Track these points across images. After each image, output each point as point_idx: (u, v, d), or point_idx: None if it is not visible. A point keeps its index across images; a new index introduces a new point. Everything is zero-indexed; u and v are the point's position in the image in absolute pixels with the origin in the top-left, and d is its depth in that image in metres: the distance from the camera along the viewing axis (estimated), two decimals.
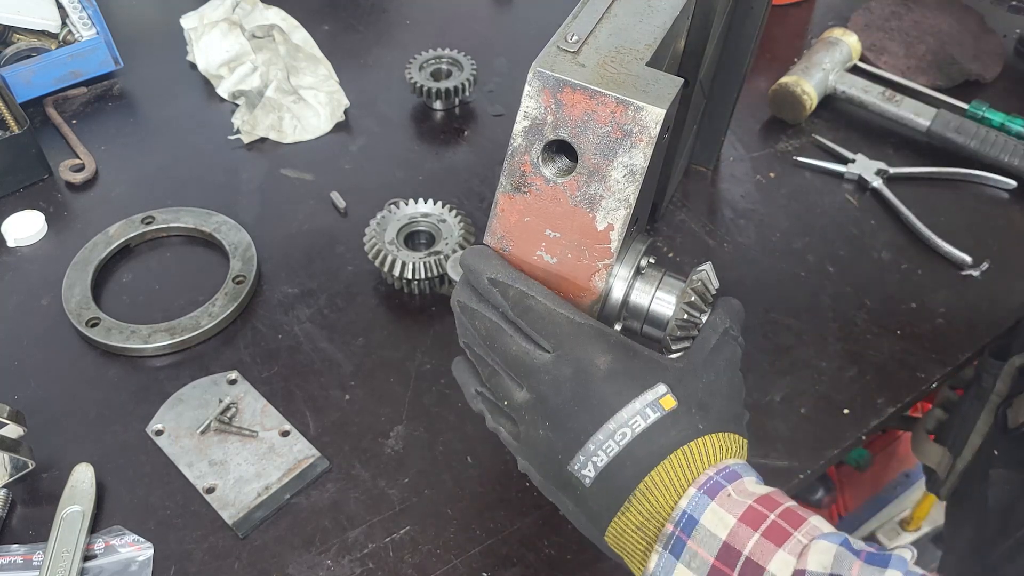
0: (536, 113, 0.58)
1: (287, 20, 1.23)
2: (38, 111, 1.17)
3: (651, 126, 0.56)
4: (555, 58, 0.58)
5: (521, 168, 0.60)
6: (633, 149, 0.57)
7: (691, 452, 0.53)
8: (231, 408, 0.85)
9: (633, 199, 0.58)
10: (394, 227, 0.97)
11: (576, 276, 0.61)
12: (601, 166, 0.58)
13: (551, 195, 0.59)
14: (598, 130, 0.57)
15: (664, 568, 0.51)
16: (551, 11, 1.37)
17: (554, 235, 0.60)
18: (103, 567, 0.75)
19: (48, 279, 0.97)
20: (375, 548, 0.76)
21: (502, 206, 0.61)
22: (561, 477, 0.56)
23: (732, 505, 0.51)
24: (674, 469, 0.52)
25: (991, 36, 1.27)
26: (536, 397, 0.56)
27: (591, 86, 0.56)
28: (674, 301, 0.62)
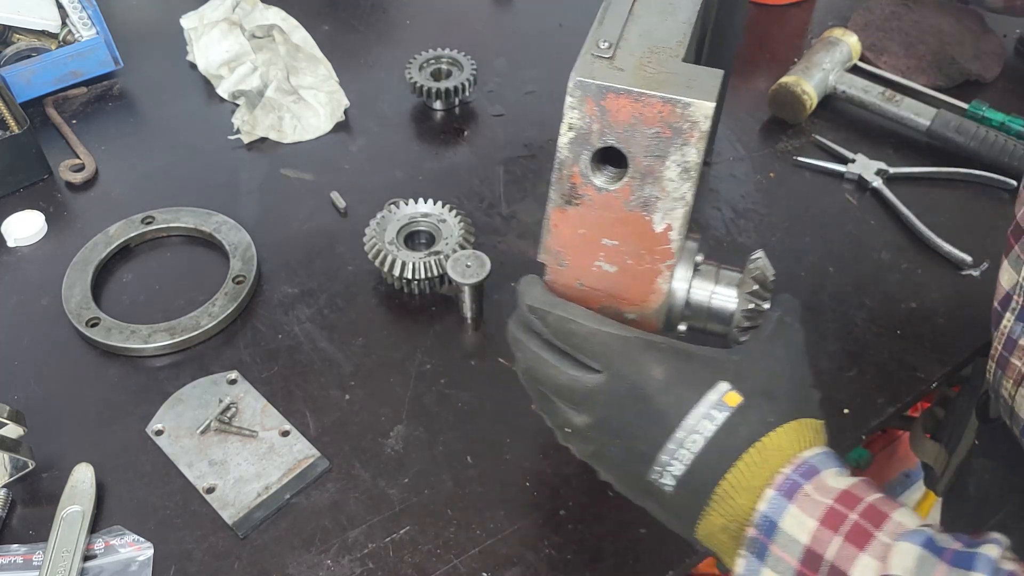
0: (581, 123, 0.57)
1: (287, 20, 1.23)
2: (38, 111, 1.17)
3: (701, 121, 0.55)
4: (592, 66, 0.57)
5: (570, 180, 0.59)
6: (685, 146, 0.56)
7: (765, 449, 0.52)
8: (231, 408, 0.85)
9: (690, 196, 0.57)
10: (394, 227, 0.97)
11: (639, 282, 0.60)
12: (654, 167, 0.57)
13: (604, 203, 0.59)
14: (647, 132, 0.56)
15: (751, 571, 0.50)
16: (551, 11, 1.37)
17: (611, 243, 0.60)
18: (103, 567, 0.75)
19: (48, 279, 0.97)
20: (375, 548, 0.77)
21: (554, 221, 0.60)
22: (641, 486, 0.55)
23: (812, 507, 0.49)
24: (749, 469, 0.51)
25: (991, 36, 1.27)
26: (596, 420, 0.56)
27: (635, 89, 0.55)
28: (735, 294, 0.62)
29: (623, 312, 0.63)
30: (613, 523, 0.78)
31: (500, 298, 0.96)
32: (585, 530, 0.77)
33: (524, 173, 1.11)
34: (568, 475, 0.81)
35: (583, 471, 0.81)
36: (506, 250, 1.01)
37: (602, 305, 0.63)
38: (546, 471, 0.82)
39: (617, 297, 0.61)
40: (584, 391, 0.56)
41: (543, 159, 1.13)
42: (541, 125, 1.17)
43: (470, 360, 0.90)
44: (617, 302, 0.62)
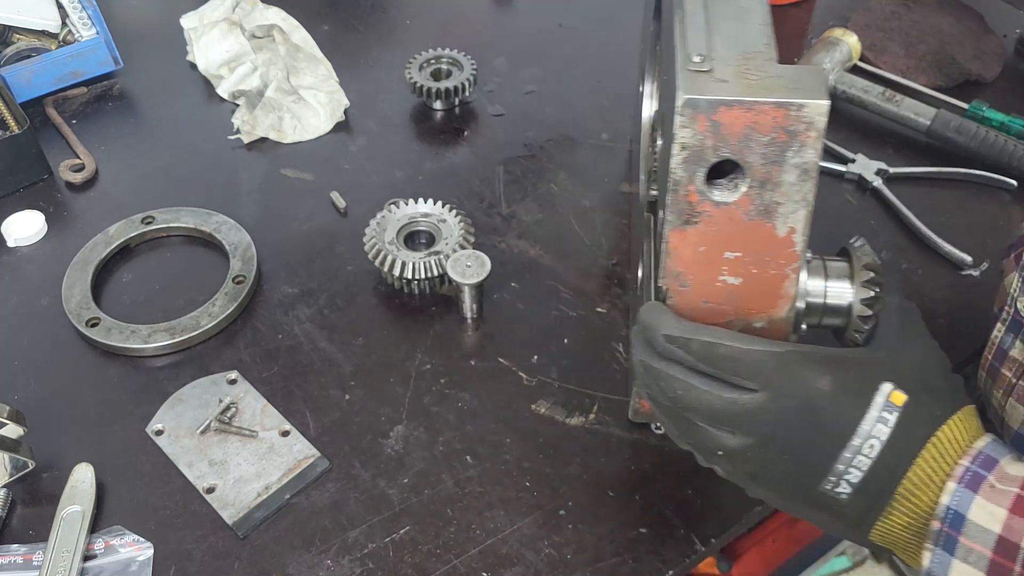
0: (693, 141, 0.56)
1: (287, 20, 1.23)
2: (38, 111, 1.17)
3: (817, 120, 0.55)
4: (696, 81, 0.56)
5: (687, 200, 0.58)
6: (803, 148, 0.55)
7: (940, 443, 0.52)
8: (231, 408, 0.85)
9: (812, 196, 0.57)
10: (394, 227, 0.97)
11: (766, 289, 0.60)
12: (772, 174, 0.56)
13: (724, 217, 0.58)
14: (762, 139, 0.55)
15: (940, 564, 0.51)
16: (551, 11, 1.37)
17: (734, 255, 0.59)
18: (103, 567, 0.75)
19: (48, 279, 0.97)
20: (375, 548, 0.77)
21: (673, 244, 0.59)
22: (811, 499, 0.55)
23: (999, 496, 0.50)
24: (928, 465, 0.52)
25: (991, 36, 1.27)
26: (759, 439, 0.55)
27: (747, 98, 0.54)
28: (849, 285, 0.62)
29: (751, 322, 0.62)
30: (613, 523, 0.78)
31: (500, 298, 0.96)
32: (585, 530, 0.78)
33: (524, 173, 1.11)
34: (568, 475, 0.81)
35: (583, 471, 0.81)
36: (506, 250, 1.01)
37: (728, 319, 0.62)
38: (546, 471, 0.82)
39: (744, 308, 0.61)
40: (742, 412, 0.54)
41: (543, 159, 1.13)
42: (541, 125, 1.17)
43: (470, 360, 0.90)
44: (744, 313, 0.62)
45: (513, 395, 0.87)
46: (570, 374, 0.89)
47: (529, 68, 1.26)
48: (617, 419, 0.85)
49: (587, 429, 0.85)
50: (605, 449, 0.83)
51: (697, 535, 0.77)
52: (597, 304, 0.95)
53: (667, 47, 0.68)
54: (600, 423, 0.85)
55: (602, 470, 0.82)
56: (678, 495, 0.80)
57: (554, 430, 0.85)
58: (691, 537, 0.77)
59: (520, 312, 0.95)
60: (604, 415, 0.86)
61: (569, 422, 0.85)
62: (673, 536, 0.77)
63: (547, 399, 0.87)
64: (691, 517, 0.78)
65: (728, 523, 0.78)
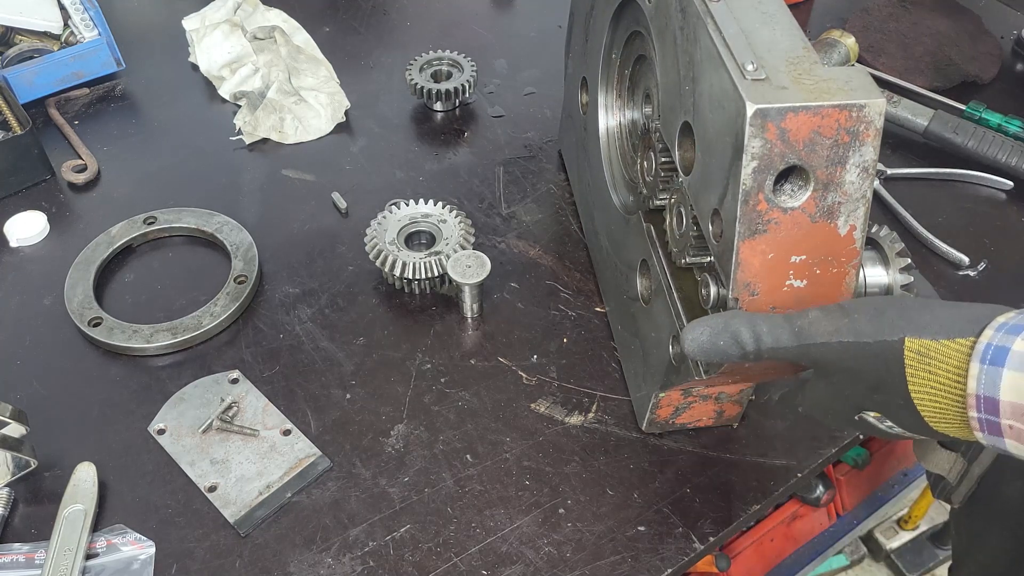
0: (762, 150, 0.56)
1: (288, 22, 1.23)
2: (40, 112, 1.17)
3: (876, 119, 0.56)
4: (760, 91, 0.56)
5: (756, 209, 0.58)
6: (863, 147, 0.57)
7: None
8: (233, 407, 0.86)
9: (870, 192, 0.58)
10: (395, 227, 0.97)
11: (828, 288, 0.61)
12: (834, 175, 0.57)
13: (791, 222, 0.59)
14: (825, 142, 0.56)
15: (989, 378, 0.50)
16: (551, 13, 1.37)
17: (799, 259, 0.60)
18: (105, 565, 0.75)
19: (50, 279, 0.98)
20: (376, 546, 0.77)
21: (744, 254, 0.59)
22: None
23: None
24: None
25: (988, 37, 1.27)
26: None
27: (812, 103, 0.55)
28: (885, 272, 0.65)
29: None
30: (612, 521, 0.78)
31: (500, 298, 0.97)
32: (584, 528, 0.78)
33: (524, 174, 1.11)
34: (567, 473, 0.82)
35: (582, 469, 0.82)
36: (506, 250, 1.02)
37: None
38: (545, 470, 0.82)
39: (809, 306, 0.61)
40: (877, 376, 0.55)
41: (543, 160, 1.13)
42: (541, 126, 1.18)
43: (470, 359, 0.91)
44: None
45: (513, 394, 0.88)
46: (569, 373, 0.89)
47: (529, 70, 1.27)
48: (616, 418, 0.86)
49: (586, 428, 0.85)
50: (604, 448, 0.84)
51: (695, 533, 0.78)
52: (596, 304, 0.96)
53: (669, 58, 0.67)
54: (599, 422, 0.86)
55: (601, 469, 0.82)
56: (677, 494, 0.80)
57: (553, 429, 0.85)
58: (690, 535, 0.78)
59: (520, 312, 0.95)
60: (603, 414, 0.86)
61: (568, 421, 0.86)
62: (672, 534, 0.78)
63: (547, 398, 0.87)
64: (690, 515, 0.79)
65: (726, 522, 0.79)
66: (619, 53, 0.86)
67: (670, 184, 0.72)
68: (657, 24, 0.70)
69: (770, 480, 0.82)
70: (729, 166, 0.58)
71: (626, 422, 0.86)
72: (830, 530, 1.48)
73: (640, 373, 0.82)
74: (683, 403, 0.79)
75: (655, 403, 0.79)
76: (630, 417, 0.86)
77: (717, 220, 0.61)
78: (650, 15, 0.72)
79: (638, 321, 0.81)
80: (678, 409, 0.80)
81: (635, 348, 0.83)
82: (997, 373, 0.49)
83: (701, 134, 0.62)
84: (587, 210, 0.97)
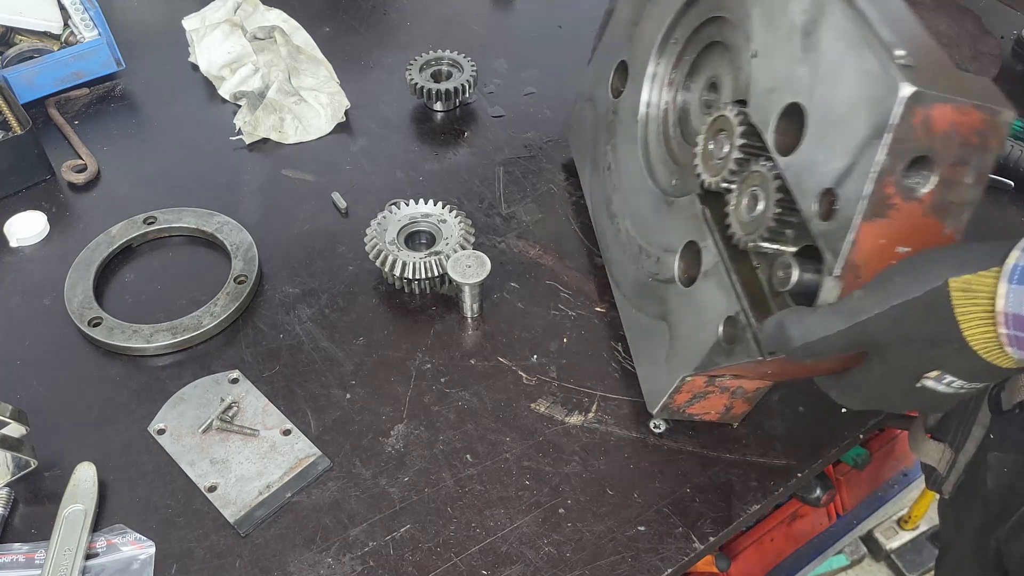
0: (904, 134, 0.56)
1: (288, 22, 1.23)
2: (40, 112, 1.17)
3: (1003, 129, 0.57)
4: (916, 76, 0.56)
5: (884, 191, 0.58)
6: (985, 153, 0.57)
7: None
8: (232, 407, 0.86)
9: (977, 200, 0.59)
10: (395, 227, 0.97)
11: None
12: (956, 174, 0.58)
13: (907, 212, 0.59)
14: (957, 140, 0.57)
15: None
16: (551, 13, 1.37)
17: (904, 251, 0.60)
18: (105, 565, 0.75)
19: (50, 279, 0.98)
20: (376, 546, 0.77)
21: (861, 235, 0.59)
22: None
23: None
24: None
25: (988, 37, 1.27)
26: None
27: (958, 98, 0.56)
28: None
29: None
30: (612, 521, 0.78)
31: (500, 298, 0.97)
32: (584, 528, 0.78)
33: (524, 174, 1.11)
34: (567, 473, 0.82)
35: (582, 469, 0.82)
36: (506, 250, 1.02)
37: None
38: (545, 469, 0.82)
39: None
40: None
41: (543, 160, 1.13)
42: (541, 126, 1.18)
43: (470, 359, 0.91)
44: None
45: (513, 394, 0.88)
46: (569, 373, 0.89)
47: (529, 70, 1.27)
48: (616, 418, 0.86)
49: (586, 428, 0.85)
50: (604, 448, 0.84)
51: (695, 533, 0.78)
52: (596, 304, 0.96)
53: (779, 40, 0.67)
54: (599, 422, 0.86)
55: (601, 468, 0.82)
56: (677, 493, 0.80)
57: (553, 429, 0.85)
58: (690, 535, 0.78)
59: (520, 312, 0.95)
60: (603, 414, 0.86)
61: (568, 421, 0.86)
62: (672, 534, 0.78)
63: (546, 398, 0.87)
64: (690, 515, 0.79)
65: (726, 522, 0.79)
66: (682, 38, 0.86)
67: (743, 168, 0.71)
68: (764, 8, 0.70)
69: (770, 480, 0.82)
70: (861, 145, 0.58)
71: (626, 422, 0.86)
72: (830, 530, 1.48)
73: (662, 356, 0.81)
74: (702, 391, 0.79)
75: (678, 386, 0.78)
76: (630, 417, 0.86)
77: (827, 199, 0.61)
78: (759, 9, 0.72)
79: (670, 303, 0.80)
80: (695, 397, 0.80)
81: (657, 331, 0.82)
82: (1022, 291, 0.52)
83: (821, 113, 0.63)
84: (602, 195, 0.96)
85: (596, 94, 1.00)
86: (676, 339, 0.79)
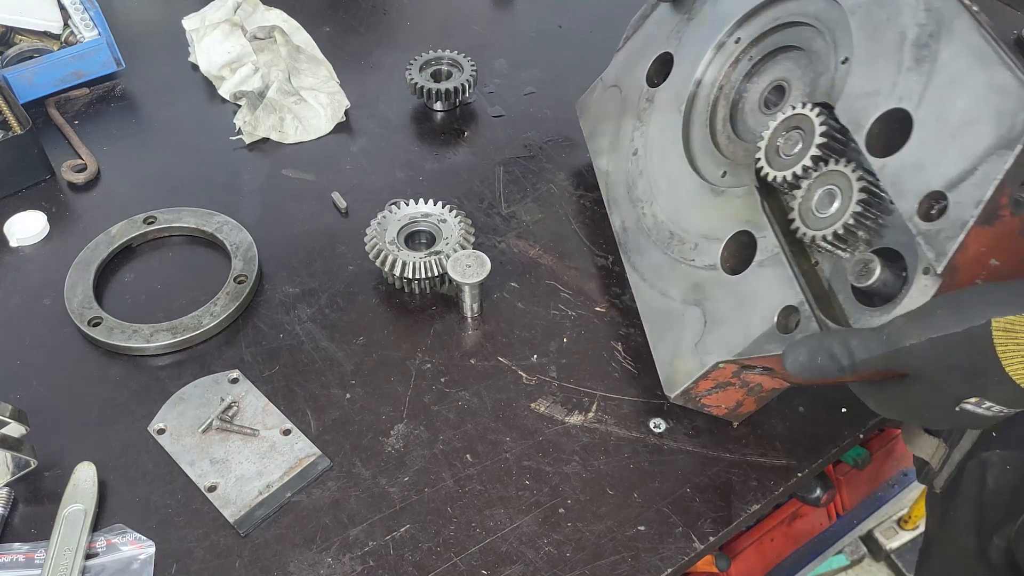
0: None
1: (288, 22, 1.23)
2: (40, 112, 1.17)
3: None
4: None
5: (1000, 200, 0.60)
6: None
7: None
8: (232, 407, 0.86)
9: None
10: (395, 227, 0.97)
11: None
12: None
13: (1009, 226, 0.61)
14: None
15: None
16: (551, 13, 1.37)
17: (995, 263, 0.62)
18: (105, 565, 0.75)
19: (50, 279, 0.98)
20: (376, 546, 0.77)
21: (970, 237, 0.61)
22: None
23: None
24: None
25: None
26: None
27: None
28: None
29: None
30: (612, 521, 0.78)
31: (500, 298, 0.97)
32: (584, 528, 0.78)
33: (524, 173, 1.11)
34: (567, 473, 0.82)
35: (582, 469, 0.82)
36: (506, 250, 1.02)
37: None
38: (545, 469, 0.82)
39: None
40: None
41: (543, 159, 1.13)
42: (541, 126, 1.18)
43: (470, 359, 0.91)
44: None
45: (513, 394, 0.88)
46: (569, 373, 0.89)
47: (529, 69, 1.27)
48: (616, 418, 0.86)
49: (586, 428, 0.85)
50: (604, 447, 0.84)
51: (695, 533, 0.78)
52: (596, 303, 0.96)
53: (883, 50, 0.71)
54: (599, 421, 0.86)
55: (601, 468, 0.82)
56: (677, 493, 0.80)
57: (553, 429, 0.85)
58: (690, 535, 0.78)
59: (520, 312, 0.95)
60: (603, 414, 0.86)
61: (568, 421, 0.86)
62: (672, 534, 0.78)
63: (546, 398, 0.87)
64: (689, 515, 0.79)
65: (726, 521, 0.79)
66: (747, 38, 0.87)
67: (817, 166, 0.73)
68: (865, 18, 0.74)
69: (770, 480, 0.82)
70: (984, 154, 0.61)
71: (626, 422, 0.86)
72: (830, 530, 1.48)
73: (690, 341, 0.80)
74: (726, 381, 0.79)
75: (708, 371, 0.78)
76: (630, 417, 0.86)
77: (929, 201, 0.64)
78: (851, 10, 0.75)
79: (707, 289, 0.80)
80: (717, 386, 0.79)
81: (687, 315, 0.81)
82: None
83: (932, 120, 0.66)
84: (623, 179, 0.96)
85: (625, 81, 1.00)
86: (714, 324, 0.78)
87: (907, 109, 0.68)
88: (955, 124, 0.64)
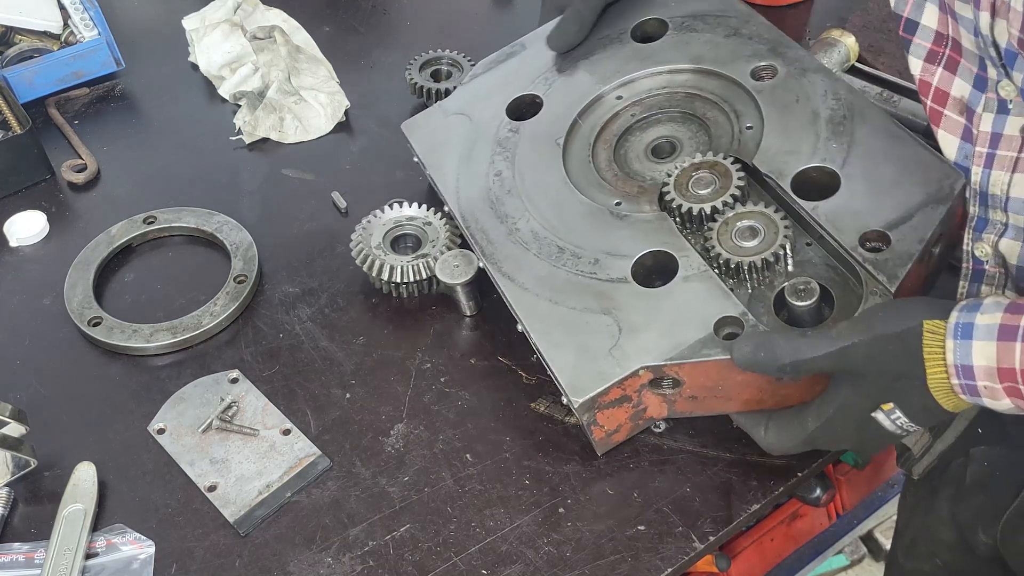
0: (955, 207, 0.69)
1: (288, 21, 1.23)
2: (40, 111, 1.17)
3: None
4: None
5: (934, 243, 0.69)
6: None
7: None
8: (232, 407, 0.86)
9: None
10: (380, 232, 0.96)
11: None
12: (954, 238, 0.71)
13: (930, 257, 0.68)
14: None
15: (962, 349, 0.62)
16: None
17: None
18: (105, 565, 0.75)
19: (50, 279, 0.98)
20: (376, 546, 0.77)
21: (913, 270, 0.71)
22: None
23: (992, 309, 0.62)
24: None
25: None
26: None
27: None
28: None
29: None
30: (612, 520, 0.78)
31: (499, 297, 0.96)
32: (584, 528, 0.78)
33: None
34: (567, 473, 0.82)
35: (582, 469, 0.82)
36: None
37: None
38: (545, 469, 0.82)
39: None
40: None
41: None
42: None
43: (470, 358, 0.91)
44: None
45: (513, 393, 0.88)
46: None
47: None
48: None
49: None
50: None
51: (695, 533, 0.78)
52: None
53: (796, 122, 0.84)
54: None
55: (601, 468, 0.82)
56: (677, 493, 0.80)
57: (553, 428, 0.85)
58: (689, 535, 0.78)
59: None
60: None
61: (568, 420, 0.86)
62: (671, 534, 0.78)
63: (546, 397, 0.87)
64: (689, 515, 0.79)
65: (726, 521, 0.79)
66: (628, 97, 0.96)
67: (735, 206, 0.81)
68: (774, 98, 0.87)
69: (770, 480, 0.82)
70: (917, 206, 0.75)
71: None
72: (830, 530, 1.48)
73: (603, 347, 0.79)
74: (629, 395, 0.78)
75: (626, 376, 0.76)
76: None
77: (872, 236, 0.75)
78: (756, 89, 0.88)
79: (619, 299, 0.81)
80: (621, 398, 0.78)
81: (593, 323, 0.80)
82: (968, 344, 0.61)
83: (860, 179, 0.79)
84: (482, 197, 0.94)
85: (476, 111, 1.01)
86: (632, 331, 0.78)
87: (833, 168, 0.79)
88: (884, 184, 0.77)
